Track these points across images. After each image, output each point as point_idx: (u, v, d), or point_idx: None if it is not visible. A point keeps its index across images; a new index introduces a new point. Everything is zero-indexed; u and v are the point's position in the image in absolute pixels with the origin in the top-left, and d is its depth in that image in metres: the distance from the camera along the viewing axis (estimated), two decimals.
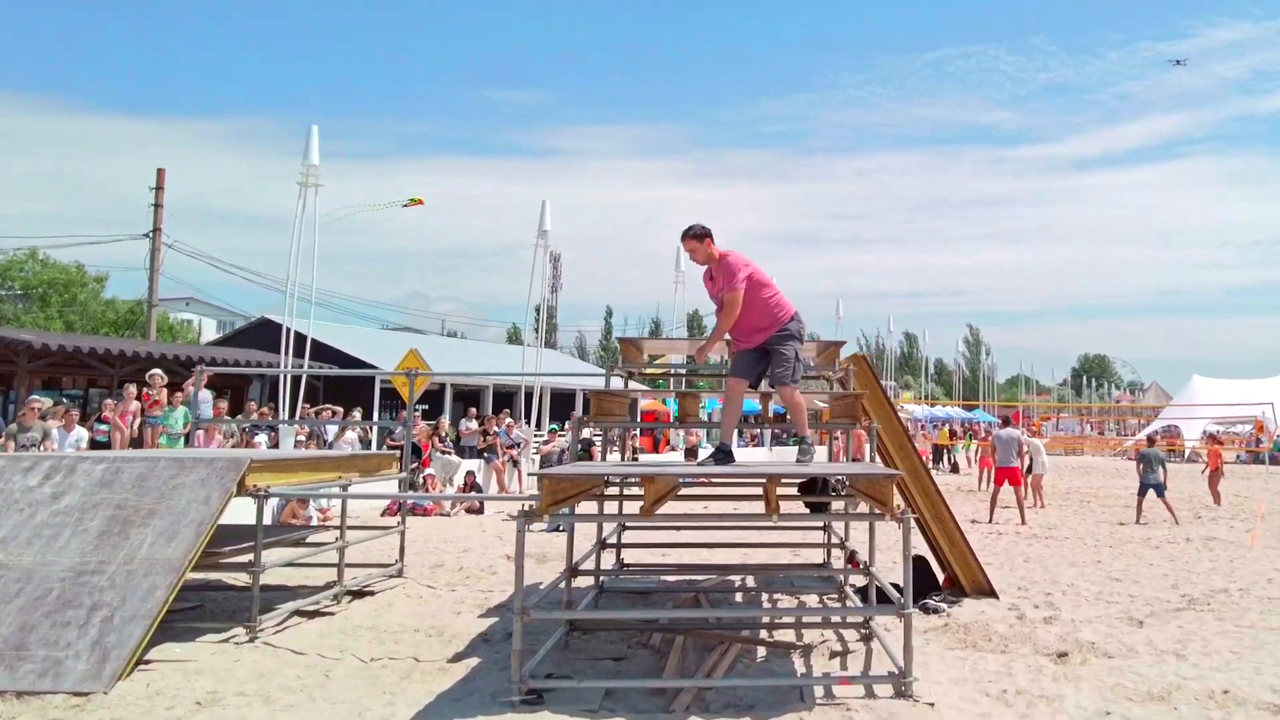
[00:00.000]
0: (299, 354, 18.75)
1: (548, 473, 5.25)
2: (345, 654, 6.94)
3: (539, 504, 5.15)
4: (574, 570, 6.93)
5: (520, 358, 23.14)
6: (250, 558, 7.49)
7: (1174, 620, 8.12)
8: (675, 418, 7.43)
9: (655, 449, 28.85)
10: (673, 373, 16.34)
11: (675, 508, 11.03)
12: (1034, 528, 15.08)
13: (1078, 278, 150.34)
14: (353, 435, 17.94)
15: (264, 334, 29.05)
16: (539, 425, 22.45)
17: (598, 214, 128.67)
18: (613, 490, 7.83)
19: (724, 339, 6.61)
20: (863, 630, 7.08)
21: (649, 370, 9.26)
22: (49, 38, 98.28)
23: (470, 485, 17.44)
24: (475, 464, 19.32)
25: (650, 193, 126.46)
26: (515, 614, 5.21)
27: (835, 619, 7.44)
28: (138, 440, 15.13)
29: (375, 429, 21.40)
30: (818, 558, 10.06)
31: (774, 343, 6.40)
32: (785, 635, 7.25)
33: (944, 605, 8.22)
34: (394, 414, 22.90)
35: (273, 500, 13.29)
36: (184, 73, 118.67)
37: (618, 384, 8.50)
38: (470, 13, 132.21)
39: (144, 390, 15.15)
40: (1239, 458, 40.76)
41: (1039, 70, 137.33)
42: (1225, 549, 12.84)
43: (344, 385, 27.94)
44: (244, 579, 8.92)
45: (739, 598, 8.93)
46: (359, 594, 9.10)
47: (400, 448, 17.00)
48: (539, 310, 27.82)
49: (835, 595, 8.67)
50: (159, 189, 26.33)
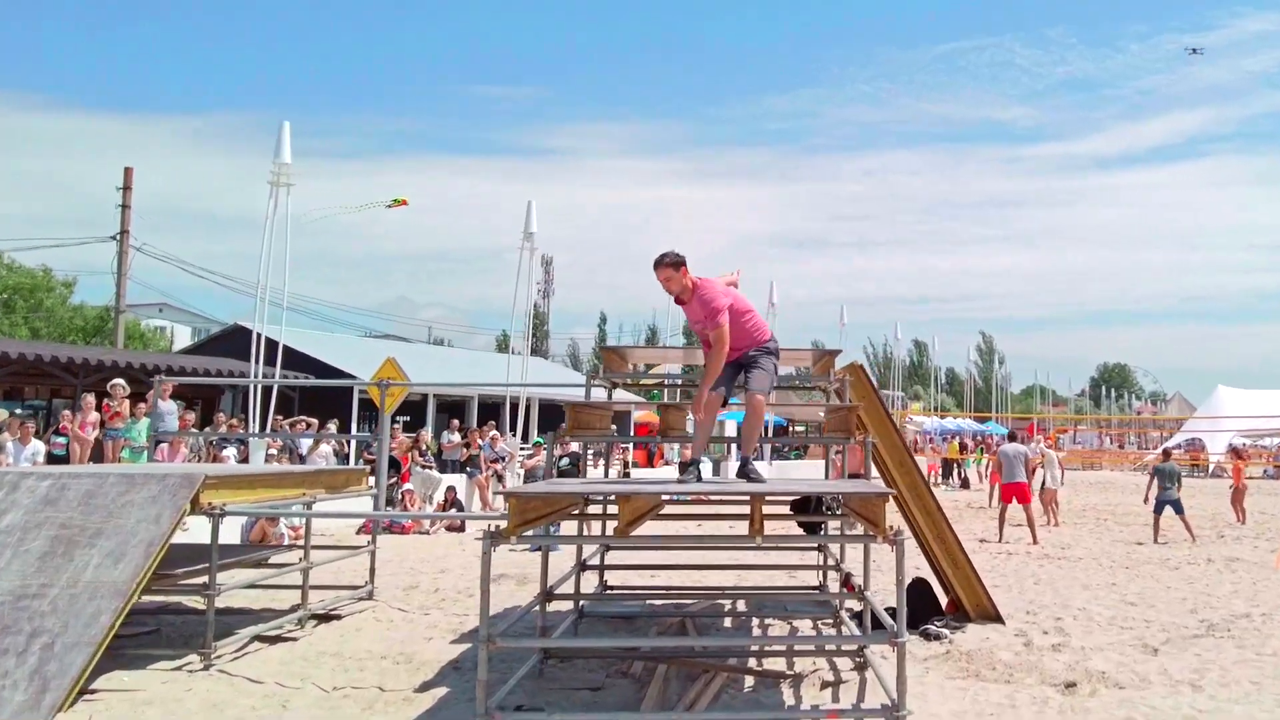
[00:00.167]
0: (271, 363, 18.62)
1: (515, 491, 5.14)
2: (306, 683, 6.84)
3: (506, 524, 5.05)
4: (549, 594, 6.83)
5: (505, 366, 22.99)
6: (206, 580, 7.37)
7: (1191, 648, 8.03)
8: (659, 431, 7.30)
9: (650, 463, 28.78)
10: (666, 383, 16.34)
11: (665, 527, 10.95)
12: (1046, 547, 14.98)
13: (1097, 282, 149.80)
14: (327, 449, 17.87)
15: (238, 341, 28.92)
16: (526, 438, 22.33)
17: (591, 215, 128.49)
18: (596, 508, 7.73)
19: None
20: (857, 659, 6.98)
21: (644, 381, 9.17)
22: (10, 31, 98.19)
23: (451, 501, 17.32)
24: (457, 479, 19.21)
25: (647, 193, 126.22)
26: (481, 642, 5.11)
27: (828, 647, 7.33)
28: (98, 454, 15.02)
29: (352, 442, 21.33)
30: (814, 580, 9.96)
31: (753, 355, 6.39)
32: (776, 663, 7.16)
33: (946, 631, 8.13)
34: (373, 426, 22.80)
35: (242, 519, 13.26)
36: (155, 67, 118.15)
37: (600, 395, 8.42)
38: (457, 4, 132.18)
39: (104, 401, 15.03)
40: (1266, 473, 40.71)
41: (1056, 64, 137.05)
42: (1248, 570, 12.75)
43: (321, 396, 27.84)
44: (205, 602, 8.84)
45: (728, 623, 8.84)
46: (325, 618, 9.01)
47: (373, 461, 17.03)
48: (529, 317, 27.70)
49: (830, 620, 8.58)
50: (126, 189, 26.26)
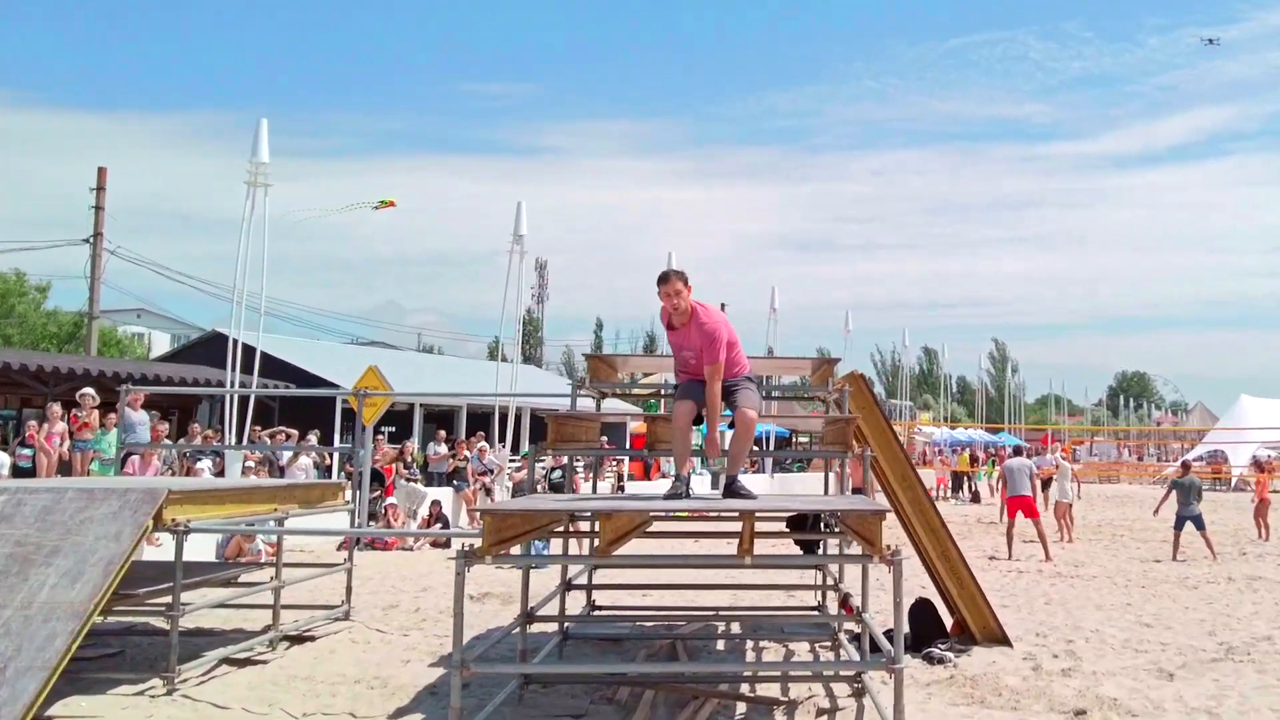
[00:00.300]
0: (249, 370, 18.55)
1: (491, 508, 5.07)
2: (273, 708, 6.76)
3: (480, 543, 4.97)
4: (530, 616, 6.75)
5: (494, 375, 22.91)
6: (170, 600, 7.28)
7: (1209, 673, 7.95)
8: (647, 444, 7.23)
9: (646, 476, 28.71)
10: (663, 394, 16.17)
11: (660, 546, 10.88)
12: (1059, 565, 14.90)
13: (1115, 287, 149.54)
14: (307, 461, 17.80)
15: (216, 349, 28.85)
16: (516, 450, 22.26)
17: (587, 217, 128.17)
18: (584, 525, 7.65)
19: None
20: (855, 684, 6.89)
21: (637, 390, 9.10)
22: None
23: (436, 516, 17.24)
24: (443, 492, 19.14)
25: (645, 194, 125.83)
26: (453, 668, 5.02)
27: (825, 672, 7.24)
28: (66, 466, 14.94)
29: (335, 455, 21.24)
30: (814, 600, 9.89)
31: (734, 382, 6.41)
32: (770, 689, 7.07)
33: (950, 654, 8.05)
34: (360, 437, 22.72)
35: (218, 535, 13.17)
36: (131, 63, 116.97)
37: (589, 405, 8.35)
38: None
39: (72, 412, 14.96)
40: None
41: (1072, 59, 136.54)
42: (1271, 590, 12.68)
43: (304, 406, 27.76)
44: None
45: (721, 646, 8.76)
46: (298, 639, 8.94)
47: (359, 473, 16.95)
48: (523, 323, 27.64)
49: (829, 644, 8.50)
50: (100, 189, 26.21)
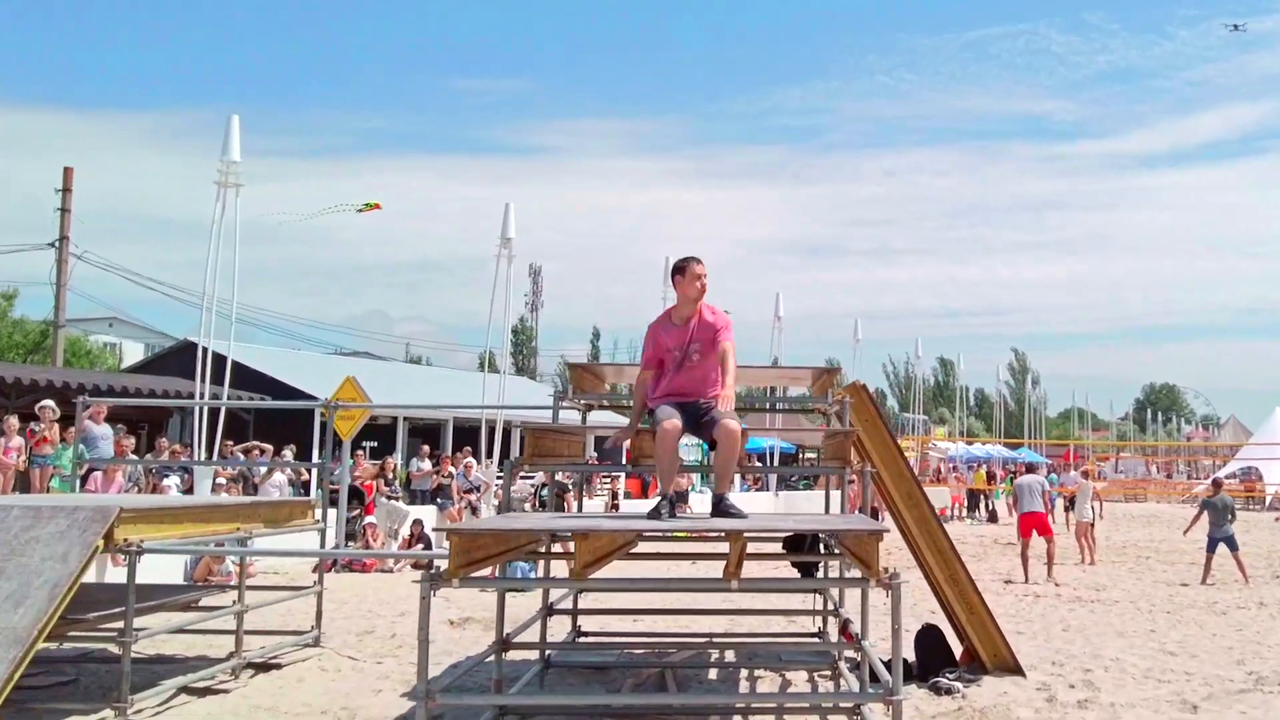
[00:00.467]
0: (220, 381, 18.49)
1: (458, 527, 4.98)
2: None
3: (447, 566, 4.88)
4: (506, 642, 6.66)
5: (482, 386, 22.87)
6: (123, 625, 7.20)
7: (1236, 704, 7.87)
8: (631, 459, 7.15)
9: (644, 493, 28.61)
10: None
11: (649, 568, 10.78)
12: (1079, 589, 14.82)
13: (1143, 294, 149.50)
14: (282, 478, 17.74)
15: (188, 359, 28.83)
16: (503, 466, 22.20)
17: (583, 220, 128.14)
18: (570, 544, 7.57)
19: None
20: (854, 716, 6.79)
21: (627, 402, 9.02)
22: None
23: (418, 536, 17.16)
24: (427, 510, 19.06)
25: (644, 196, 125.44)
26: (419, 699, 4.93)
27: (823, 704, 7.15)
28: (24, 483, 14.88)
29: (313, 471, 21.14)
30: (816, 626, 9.80)
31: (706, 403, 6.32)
32: None
33: (958, 685, 7.96)
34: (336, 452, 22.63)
35: (185, 556, 13.10)
36: (99, 57, 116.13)
37: (570, 418, 8.27)
38: None
39: (29, 425, 14.90)
40: None
41: (1097, 52, 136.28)
42: None
43: (281, 420, 27.66)
44: (136, 647, 8.70)
45: (713, 675, 8.68)
46: (264, 667, 8.87)
47: (335, 491, 16.87)
48: (515, 332, 27.56)
49: (828, 672, 8.41)
50: (66, 190, 26.19)
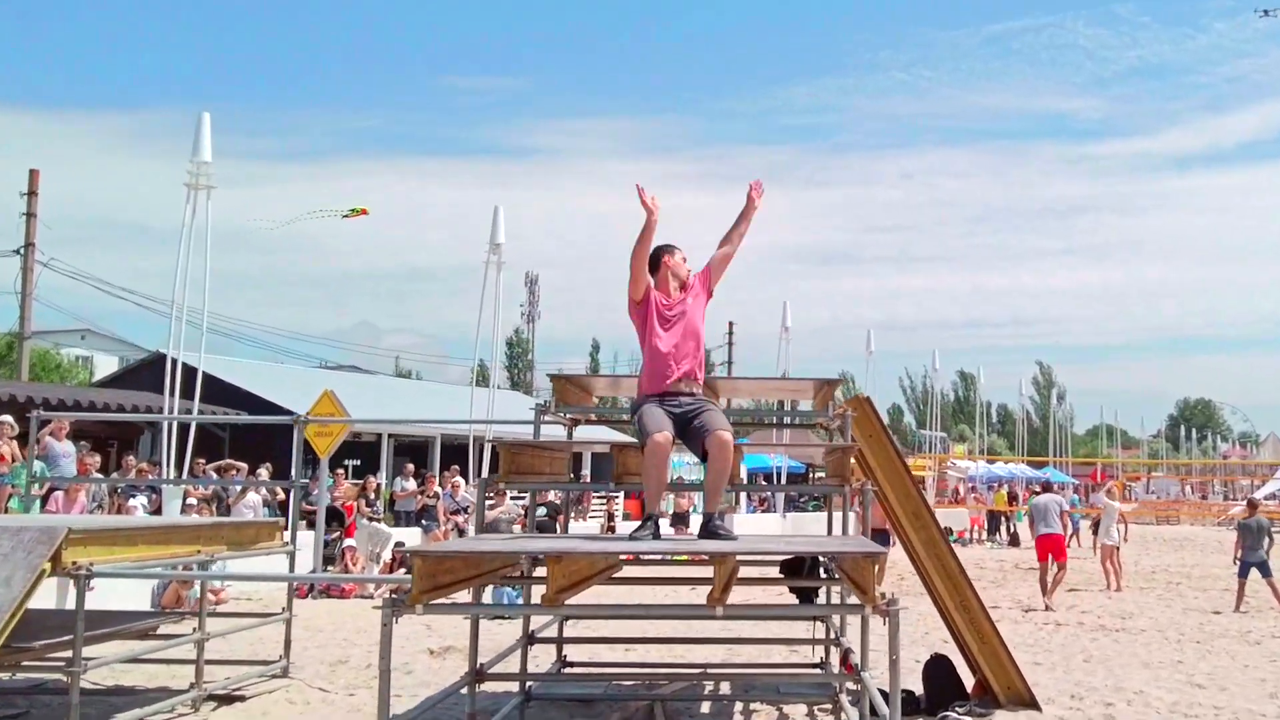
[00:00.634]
0: (192, 395, 18.43)
1: (422, 549, 4.90)
2: None
3: (410, 591, 4.80)
4: (480, 673, 6.58)
5: (470, 402, 22.82)
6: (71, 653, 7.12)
7: None
8: (615, 477, 7.07)
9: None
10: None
11: (643, 593, 10.69)
12: (1103, 617, 14.74)
13: (1176, 303, 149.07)
14: (256, 498, 17.69)
15: (160, 372, 28.87)
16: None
17: (582, 226, 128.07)
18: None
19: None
20: None
21: (622, 417, 8.95)
22: None
23: (400, 560, 17.06)
24: (411, 532, 19.01)
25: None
26: None
27: None
28: None
29: (291, 491, 21.06)
30: (819, 655, 9.70)
31: (696, 405, 6.35)
32: None
33: (968, 719, 7.85)
34: (314, 471, 22.60)
35: (151, 581, 13.02)
36: (69, 54, 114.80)
37: (553, 432, 8.19)
38: None
39: None
40: None
41: (1127, 47, 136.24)
42: None
43: (259, 436, 27.60)
44: (91, 678, 8.64)
45: (706, 708, 8.61)
46: (226, 699, 8.80)
47: (314, 512, 16.82)
48: (510, 344, 27.53)
49: (829, 705, 8.32)
50: (32, 194, 26.21)
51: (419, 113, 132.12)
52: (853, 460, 7.34)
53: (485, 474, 21.09)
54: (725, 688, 9.17)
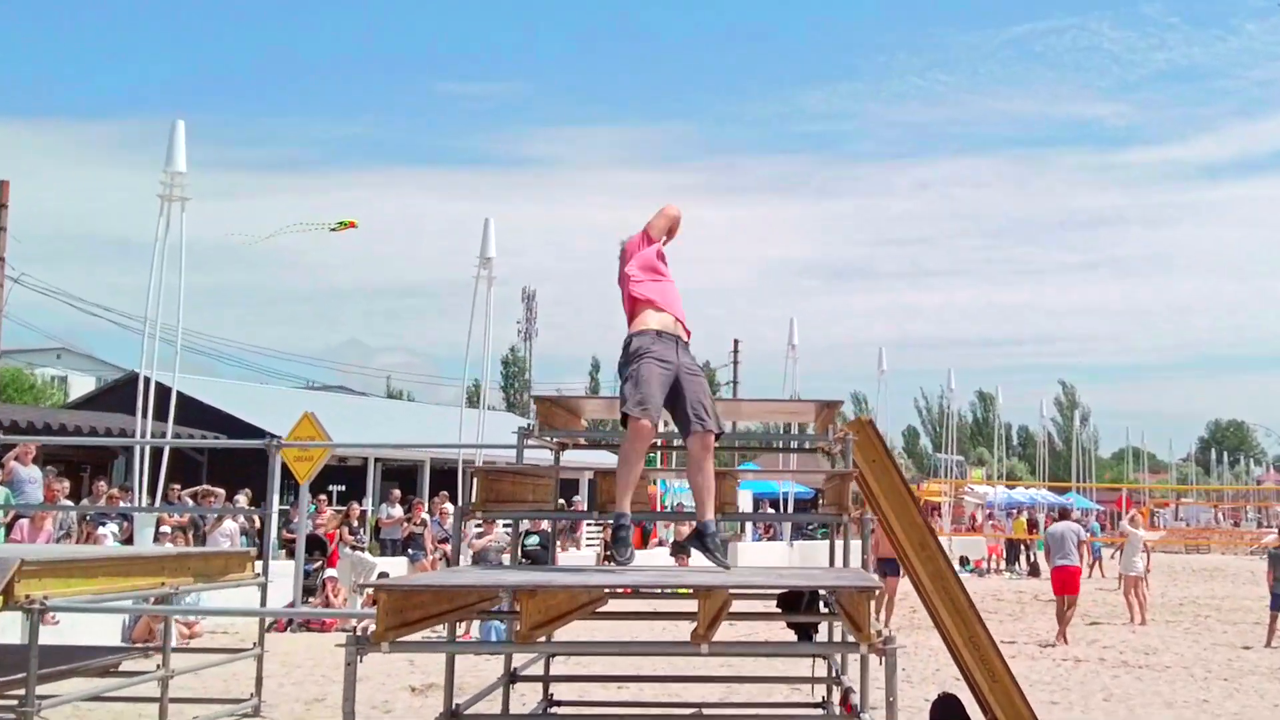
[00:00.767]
0: (165, 417, 18.37)
1: (388, 584, 4.82)
2: None
3: (374, 627, 4.71)
4: (457, 714, 6.47)
5: (459, 423, 22.71)
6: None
7: None
8: (599, 505, 6.99)
9: (643, 543, 28.47)
10: (660, 445, 15.75)
11: (637, 628, 10.61)
12: (1125, 652, 14.63)
13: (1207, 320, 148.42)
14: (233, 526, 17.66)
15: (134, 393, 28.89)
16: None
17: (582, 239, 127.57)
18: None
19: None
20: None
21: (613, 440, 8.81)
22: None
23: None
24: (396, 562, 18.92)
25: (649, 212, 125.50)
26: None
27: None
28: None
29: (271, 518, 20.99)
30: (820, 695, 9.59)
31: (687, 360, 6.04)
32: None
33: None
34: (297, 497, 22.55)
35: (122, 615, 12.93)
36: (42, 60, 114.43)
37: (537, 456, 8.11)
38: None
39: None
40: None
41: (1154, 49, 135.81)
42: None
43: (239, 461, 27.56)
44: (48, 716, 8.56)
45: None
46: None
47: (293, 541, 16.75)
48: (506, 363, 27.46)
49: None
50: (2, 206, 26.17)
51: (412, 120, 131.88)
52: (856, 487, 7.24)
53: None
54: None
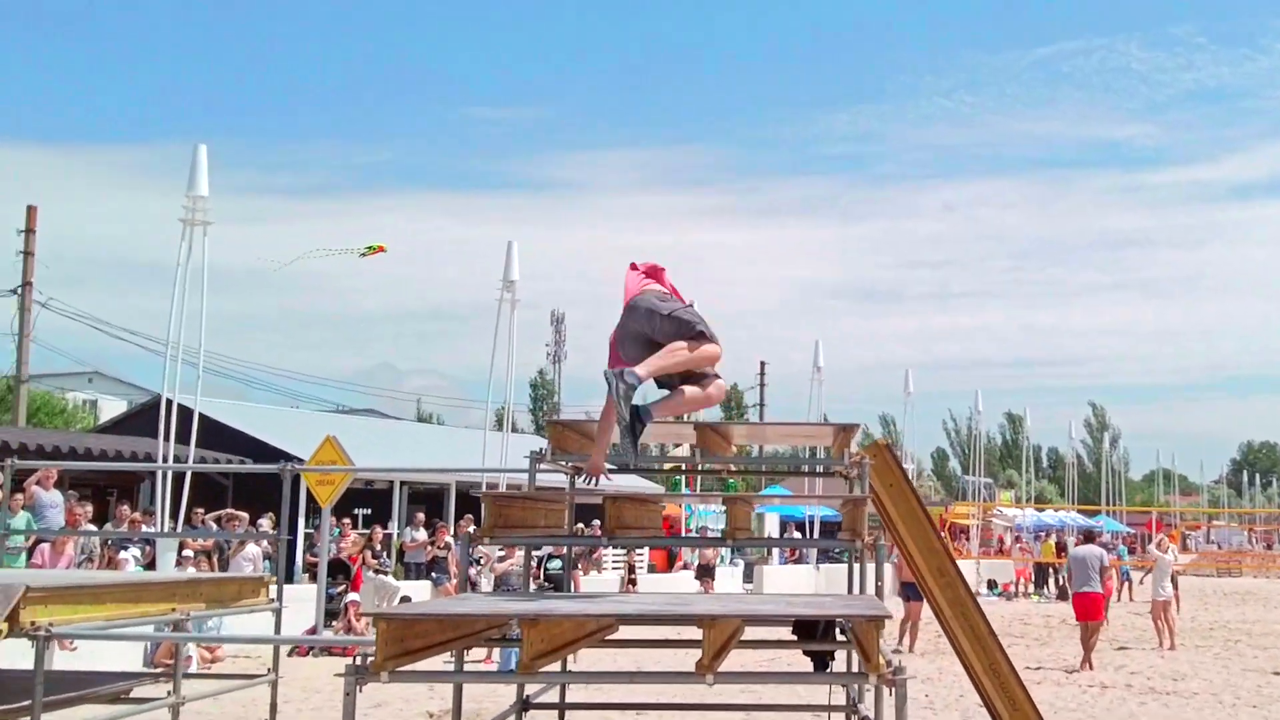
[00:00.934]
0: (187, 441, 18.43)
1: (389, 612, 4.72)
2: None
3: (375, 656, 4.60)
4: None
5: (482, 446, 22.68)
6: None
7: None
8: (608, 530, 6.86)
9: (668, 567, 28.41)
10: (685, 468, 15.66)
11: (654, 656, 10.47)
12: (1153, 678, 14.40)
13: (1238, 341, 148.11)
14: (256, 550, 17.64)
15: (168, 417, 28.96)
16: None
17: (609, 262, 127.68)
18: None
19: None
20: None
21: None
22: None
23: None
24: (420, 586, 18.85)
25: (679, 235, 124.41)
26: None
27: None
28: None
29: (297, 542, 21.05)
30: None
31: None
32: None
33: None
34: (317, 521, 22.61)
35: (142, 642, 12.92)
36: (71, 87, 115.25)
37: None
38: (442, 11, 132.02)
39: None
40: None
41: (1183, 70, 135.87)
42: None
43: (262, 485, 27.57)
44: None
45: None
46: None
47: (316, 564, 16.70)
48: (534, 385, 27.41)
49: None
50: (29, 231, 26.43)
51: (440, 145, 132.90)
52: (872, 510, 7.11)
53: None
54: None
